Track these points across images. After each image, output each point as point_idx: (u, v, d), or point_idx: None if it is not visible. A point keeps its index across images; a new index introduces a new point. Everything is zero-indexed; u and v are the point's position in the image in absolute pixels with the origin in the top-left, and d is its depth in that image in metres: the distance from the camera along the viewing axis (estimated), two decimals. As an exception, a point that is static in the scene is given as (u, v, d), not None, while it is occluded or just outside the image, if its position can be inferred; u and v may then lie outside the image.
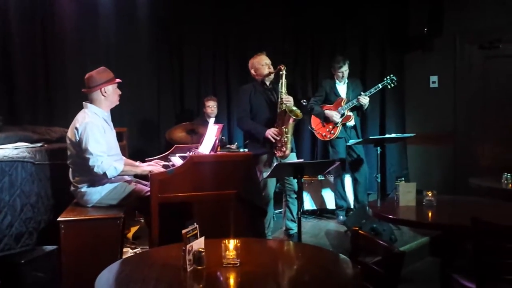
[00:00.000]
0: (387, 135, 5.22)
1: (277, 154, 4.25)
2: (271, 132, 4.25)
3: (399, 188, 3.25)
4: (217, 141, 3.75)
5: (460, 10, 5.83)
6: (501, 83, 5.69)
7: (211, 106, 5.77)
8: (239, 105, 4.56)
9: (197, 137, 5.21)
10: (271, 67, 4.42)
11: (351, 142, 4.98)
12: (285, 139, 4.21)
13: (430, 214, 3.08)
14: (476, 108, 5.89)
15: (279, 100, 4.28)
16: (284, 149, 4.21)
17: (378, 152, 4.71)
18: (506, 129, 5.62)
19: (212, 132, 3.90)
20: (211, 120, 4.37)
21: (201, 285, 1.95)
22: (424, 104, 6.20)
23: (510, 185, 3.95)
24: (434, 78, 6.12)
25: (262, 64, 4.42)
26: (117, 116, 3.73)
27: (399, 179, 3.50)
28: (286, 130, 4.21)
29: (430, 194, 3.18)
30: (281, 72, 4.30)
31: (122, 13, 5.62)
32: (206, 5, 6.09)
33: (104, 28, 5.55)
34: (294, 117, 4.16)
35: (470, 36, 5.83)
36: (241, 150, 4.95)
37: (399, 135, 5.27)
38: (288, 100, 4.25)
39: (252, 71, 4.52)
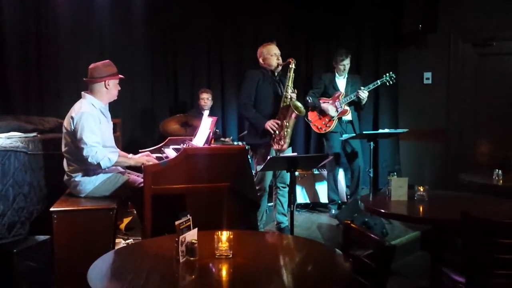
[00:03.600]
0: (380, 130, 5.23)
1: (274, 147, 4.22)
2: (270, 124, 4.20)
3: (391, 182, 3.27)
4: (211, 134, 3.75)
5: (454, 8, 5.85)
6: (494, 81, 5.73)
7: (205, 99, 5.76)
8: (244, 90, 4.39)
9: (191, 129, 5.20)
10: (280, 58, 4.33)
11: (345, 136, 5.00)
12: (285, 133, 4.20)
13: (421, 208, 3.10)
14: (468, 105, 5.93)
15: (285, 93, 4.25)
16: (282, 142, 4.19)
17: (371, 147, 4.73)
18: (498, 126, 5.67)
19: (206, 125, 3.90)
20: (205, 113, 4.36)
21: (193, 276, 1.96)
22: (418, 100, 6.23)
23: (501, 181, 3.98)
24: (428, 74, 6.14)
25: (271, 54, 4.32)
26: (111, 107, 3.72)
27: (391, 174, 3.52)
28: (287, 124, 4.20)
29: (421, 189, 3.21)
30: (290, 66, 4.26)
31: (116, 5, 5.59)
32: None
33: (98, 19, 5.52)
34: (297, 113, 4.17)
35: (464, 34, 5.85)
36: (235, 143, 4.97)
37: (392, 130, 5.28)
38: (294, 96, 4.24)
39: (260, 60, 4.40)
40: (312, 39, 6.45)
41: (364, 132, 5.06)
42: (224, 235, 2.05)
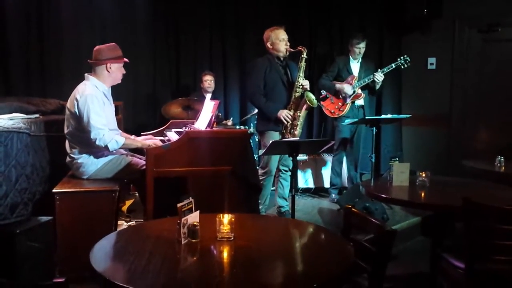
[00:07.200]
0: (383, 116, 5.22)
1: (286, 136, 4.24)
2: (283, 114, 4.22)
3: (393, 168, 3.27)
4: (213, 117, 3.75)
5: (460, -7, 5.79)
6: (499, 67, 5.69)
7: (209, 81, 5.75)
8: (253, 80, 4.40)
9: (193, 112, 5.20)
10: (288, 43, 4.32)
11: (347, 122, 4.98)
12: (297, 122, 4.24)
13: (422, 194, 3.11)
14: (472, 91, 5.90)
15: (296, 83, 4.25)
16: (295, 132, 4.23)
17: (374, 132, 4.72)
18: (501, 113, 5.65)
19: (208, 108, 3.90)
20: (208, 96, 4.35)
21: (195, 258, 1.97)
22: (421, 85, 6.20)
23: (502, 168, 3.99)
24: (432, 60, 6.10)
25: (279, 39, 4.29)
26: (113, 89, 3.70)
27: (393, 159, 3.51)
28: (299, 114, 4.23)
29: (423, 175, 3.21)
30: (302, 55, 4.25)
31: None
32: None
33: (100, 1, 5.48)
34: (310, 105, 4.19)
35: (469, 19, 5.80)
36: (237, 127, 4.96)
37: (395, 116, 5.27)
38: (306, 85, 4.25)
39: (268, 44, 4.37)
40: (315, 24, 6.38)
41: (366, 117, 5.04)
42: (226, 218, 2.06)
